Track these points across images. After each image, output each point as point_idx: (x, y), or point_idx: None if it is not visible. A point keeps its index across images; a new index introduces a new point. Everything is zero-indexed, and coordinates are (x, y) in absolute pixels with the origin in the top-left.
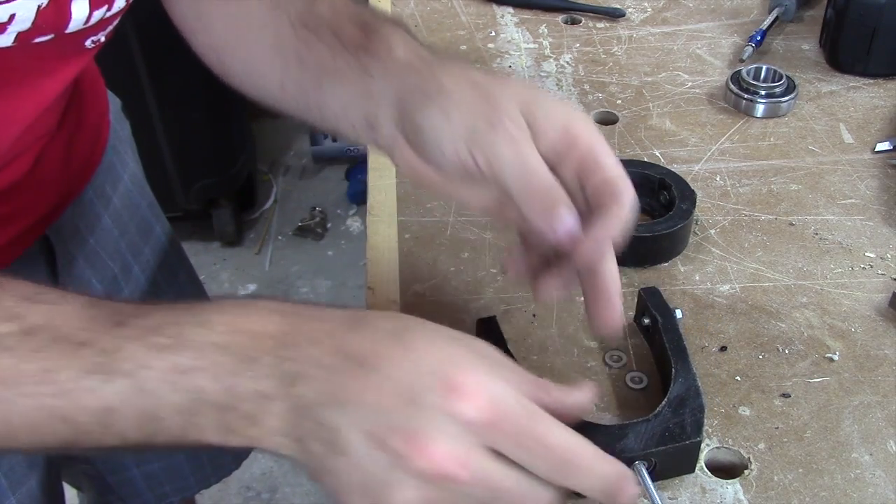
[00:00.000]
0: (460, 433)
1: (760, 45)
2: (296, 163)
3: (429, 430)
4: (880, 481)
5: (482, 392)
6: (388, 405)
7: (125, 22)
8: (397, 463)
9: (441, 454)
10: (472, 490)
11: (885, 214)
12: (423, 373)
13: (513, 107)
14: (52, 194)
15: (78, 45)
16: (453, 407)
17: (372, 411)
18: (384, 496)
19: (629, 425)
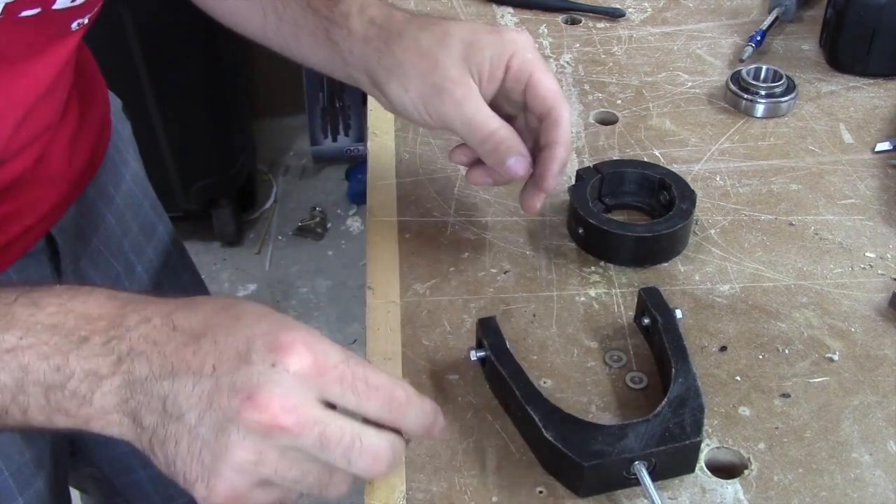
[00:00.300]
0: (291, 385)
1: (760, 45)
2: (296, 163)
3: (260, 384)
4: (880, 481)
5: (307, 346)
6: (218, 368)
7: (125, 22)
8: (231, 420)
9: (273, 406)
10: (304, 441)
11: (885, 214)
12: (252, 337)
13: (456, 66)
14: (55, 192)
15: (64, 27)
16: (281, 361)
17: (203, 376)
18: (219, 457)
19: (629, 425)
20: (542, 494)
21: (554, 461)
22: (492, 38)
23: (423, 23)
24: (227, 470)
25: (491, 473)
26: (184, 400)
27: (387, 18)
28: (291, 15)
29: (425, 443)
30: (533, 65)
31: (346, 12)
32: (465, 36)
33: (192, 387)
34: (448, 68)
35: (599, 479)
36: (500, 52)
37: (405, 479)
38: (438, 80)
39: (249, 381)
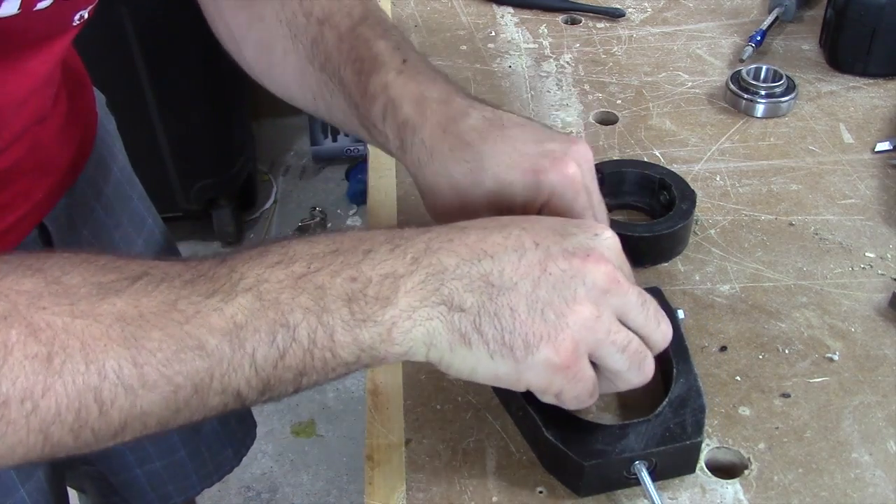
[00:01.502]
0: (615, 251)
1: (760, 45)
2: (296, 163)
3: (593, 246)
4: (880, 481)
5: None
6: (542, 242)
7: (125, 22)
8: (574, 277)
9: (610, 264)
10: (630, 299)
11: (885, 214)
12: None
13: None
14: (47, 181)
15: (67, 20)
16: (601, 233)
17: (527, 250)
18: (566, 312)
19: (629, 425)
20: (542, 494)
21: (554, 461)
22: (527, 180)
23: (457, 138)
24: (573, 323)
25: (491, 473)
26: (512, 271)
27: (420, 119)
28: (338, 104)
29: (425, 442)
30: (570, 209)
31: (382, 114)
32: (500, 173)
33: (517, 260)
34: (478, 211)
35: (599, 478)
36: (533, 199)
37: (405, 479)
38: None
39: (583, 245)
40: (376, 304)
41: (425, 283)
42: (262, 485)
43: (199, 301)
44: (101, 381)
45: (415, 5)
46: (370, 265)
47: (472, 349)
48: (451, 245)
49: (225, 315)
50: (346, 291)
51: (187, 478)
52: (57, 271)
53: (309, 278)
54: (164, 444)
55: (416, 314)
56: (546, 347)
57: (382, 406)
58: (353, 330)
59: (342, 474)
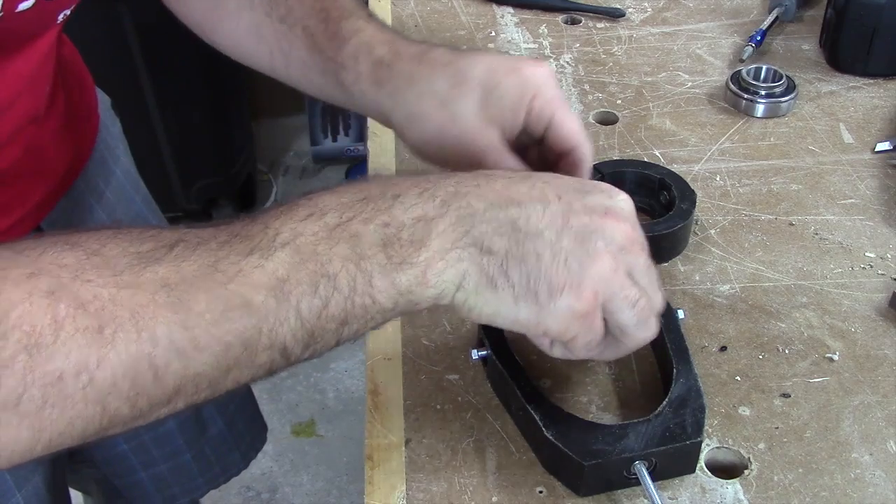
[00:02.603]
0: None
1: (760, 45)
2: (296, 163)
3: (611, 206)
4: (880, 481)
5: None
6: (564, 197)
7: (125, 22)
8: (595, 231)
9: (628, 222)
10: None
11: (885, 214)
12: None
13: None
14: (45, 184)
15: (51, 19)
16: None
17: (551, 202)
18: (587, 263)
19: (629, 425)
20: (542, 494)
21: (554, 460)
22: (511, 79)
23: (434, 62)
24: (594, 274)
25: (491, 473)
26: (537, 220)
27: (395, 57)
28: (298, 56)
29: (425, 442)
30: (555, 104)
31: (354, 54)
32: (484, 78)
33: (542, 210)
34: (468, 120)
35: (599, 478)
36: (520, 95)
37: (405, 479)
38: (459, 132)
39: (602, 203)
40: (411, 246)
41: (456, 225)
42: (262, 485)
43: (240, 260)
44: (154, 347)
45: (415, 5)
46: (401, 209)
47: (498, 292)
48: (478, 190)
49: (267, 271)
50: (381, 237)
51: (193, 480)
52: (95, 244)
53: (343, 227)
54: (168, 446)
55: (449, 255)
56: (569, 294)
57: (382, 406)
58: (391, 274)
59: (342, 474)
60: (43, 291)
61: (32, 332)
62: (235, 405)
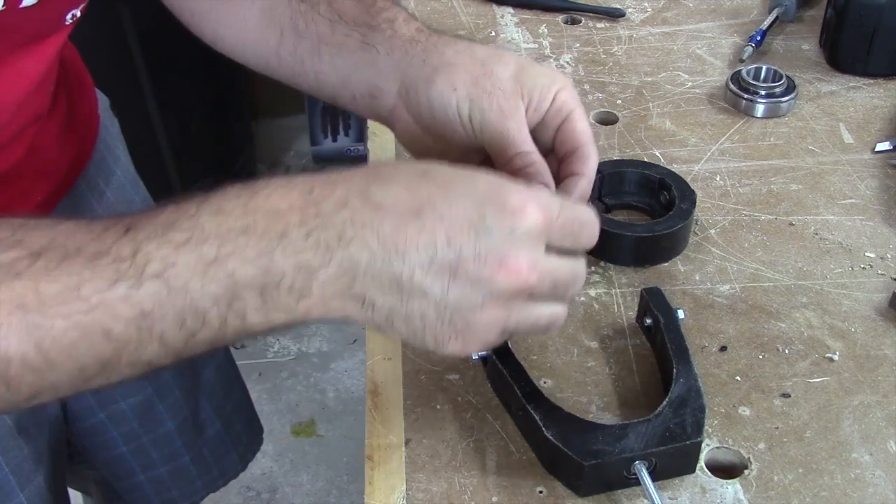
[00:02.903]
0: (531, 244)
1: (760, 45)
2: (296, 163)
3: (506, 250)
4: (880, 481)
5: (536, 204)
6: (455, 240)
7: (125, 22)
8: (483, 286)
9: (523, 268)
10: (542, 289)
11: (885, 214)
12: (478, 204)
13: (508, 80)
14: (47, 183)
15: (58, 19)
16: (519, 226)
17: (438, 249)
18: (473, 319)
19: (629, 425)
20: (542, 494)
21: (554, 461)
22: (542, 69)
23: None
24: (480, 327)
25: (491, 473)
26: (422, 274)
27: (431, 28)
28: (315, 30)
29: (425, 442)
30: (575, 103)
31: (392, 18)
32: (518, 60)
33: (428, 262)
34: (502, 80)
35: (599, 478)
36: (549, 84)
37: (405, 479)
38: (490, 87)
39: (495, 249)
40: (289, 295)
41: (339, 277)
42: (262, 485)
43: (104, 288)
44: (7, 365)
45: (415, 5)
46: (283, 254)
47: (386, 333)
48: (364, 234)
49: (131, 302)
50: (259, 283)
51: (192, 483)
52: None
53: (219, 265)
54: (167, 448)
55: (330, 304)
56: (454, 344)
57: (382, 406)
58: (267, 314)
59: (342, 474)
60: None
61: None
62: (232, 406)
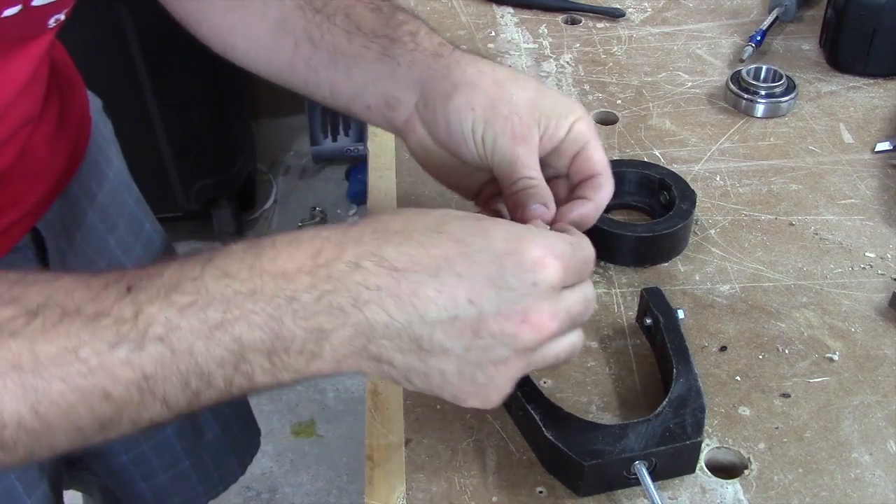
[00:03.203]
0: (552, 295)
1: (760, 45)
2: (296, 163)
3: (529, 305)
4: (880, 481)
5: (554, 257)
6: (476, 300)
7: (125, 22)
8: (507, 343)
9: (545, 321)
10: (562, 330)
11: (885, 214)
12: (497, 260)
13: (525, 106)
14: (40, 185)
15: (41, 24)
16: (541, 280)
17: (460, 308)
18: (495, 375)
19: (629, 425)
20: (542, 494)
21: (554, 461)
22: (561, 98)
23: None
24: (502, 381)
25: (491, 473)
26: (443, 336)
27: (452, 44)
28: (331, 41)
29: (425, 442)
30: (591, 134)
31: (414, 31)
32: (538, 86)
33: (450, 324)
34: (519, 105)
35: (600, 478)
36: (566, 113)
37: (405, 479)
38: (507, 111)
39: (517, 305)
40: (300, 357)
41: (353, 339)
42: (262, 485)
43: (104, 351)
44: (2, 429)
45: (415, 5)
46: (292, 318)
47: (402, 384)
48: (380, 298)
49: (133, 366)
50: (268, 347)
51: (193, 489)
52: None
53: (226, 329)
54: (167, 454)
55: (343, 363)
56: (474, 401)
57: (382, 406)
58: (275, 375)
59: (342, 474)
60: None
61: None
62: (230, 409)
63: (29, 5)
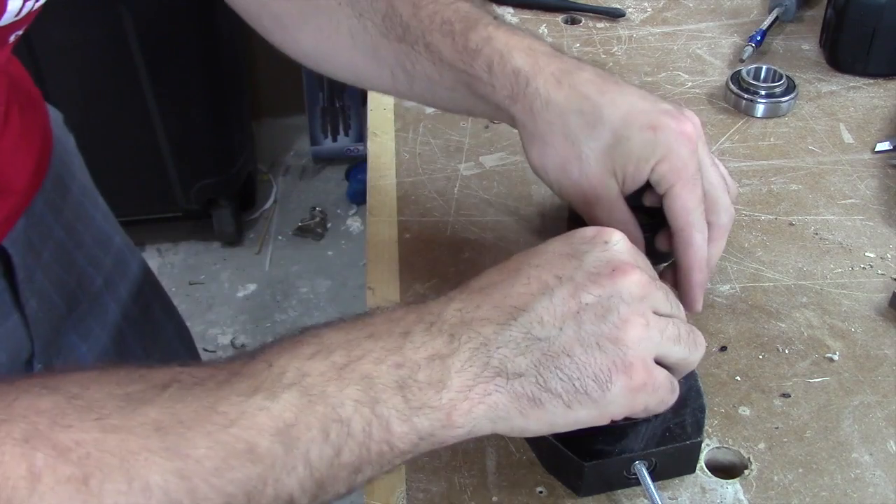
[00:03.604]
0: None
1: (760, 45)
2: (296, 163)
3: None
4: (880, 481)
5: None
6: (563, 274)
7: (125, 22)
8: (611, 296)
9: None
10: (661, 297)
11: (885, 214)
12: (561, 244)
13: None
14: (4, 203)
15: (2, 41)
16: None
17: (552, 287)
18: (620, 336)
19: (629, 425)
20: (542, 494)
21: (554, 461)
22: (644, 135)
23: (574, 89)
24: (633, 343)
25: (491, 473)
26: (550, 317)
27: (534, 70)
28: (423, 72)
29: None
30: (679, 175)
31: (487, 65)
32: (617, 125)
33: (549, 303)
34: (591, 164)
35: (599, 478)
36: (647, 156)
37: (405, 478)
38: (577, 173)
39: (603, 261)
40: (430, 388)
41: (473, 359)
42: None
43: (242, 401)
44: (147, 499)
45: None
46: (412, 349)
47: (546, 406)
48: (480, 312)
49: (273, 413)
50: (395, 379)
51: None
52: (75, 387)
53: (352, 368)
54: None
55: (473, 392)
56: (618, 378)
57: None
58: (411, 419)
59: None
60: (16, 440)
61: (5, 485)
62: None
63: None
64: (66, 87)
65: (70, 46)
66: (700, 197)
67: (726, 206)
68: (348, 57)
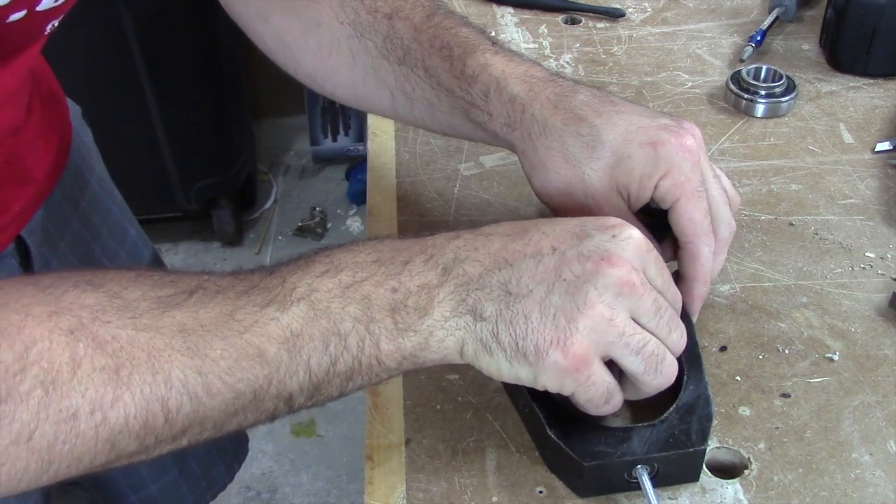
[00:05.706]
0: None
1: (760, 45)
2: (296, 163)
3: (610, 248)
4: (880, 481)
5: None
6: (559, 247)
7: (125, 22)
8: (587, 280)
9: (625, 264)
10: (645, 302)
11: (885, 214)
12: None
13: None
14: (25, 193)
15: (39, 30)
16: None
17: (544, 256)
18: (576, 316)
19: (634, 428)
20: (543, 494)
21: (556, 459)
22: (645, 152)
23: (570, 112)
24: (583, 327)
25: (491, 473)
26: (529, 279)
27: (530, 97)
28: (423, 95)
29: (425, 442)
30: (683, 189)
31: (484, 93)
32: (617, 144)
33: (534, 266)
34: (595, 184)
35: (600, 480)
36: (651, 172)
37: (405, 479)
38: (584, 193)
39: (599, 248)
40: (415, 314)
41: (454, 294)
42: (262, 485)
43: (256, 311)
44: (168, 390)
45: None
46: (408, 276)
47: (493, 356)
48: (475, 254)
49: (281, 324)
50: (390, 302)
51: (183, 498)
52: (116, 286)
53: (356, 288)
54: (155, 464)
55: (448, 324)
56: (555, 352)
57: (382, 406)
58: (397, 339)
59: (342, 474)
60: (63, 330)
61: (50, 368)
62: None
63: (34, 10)
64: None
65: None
66: (706, 209)
67: (727, 219)
68: (348, 76)
